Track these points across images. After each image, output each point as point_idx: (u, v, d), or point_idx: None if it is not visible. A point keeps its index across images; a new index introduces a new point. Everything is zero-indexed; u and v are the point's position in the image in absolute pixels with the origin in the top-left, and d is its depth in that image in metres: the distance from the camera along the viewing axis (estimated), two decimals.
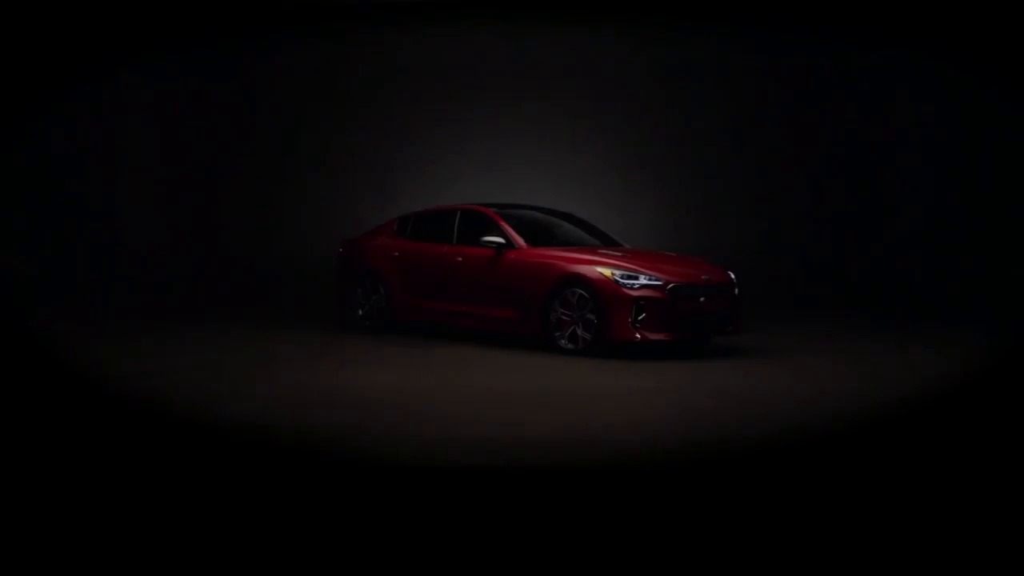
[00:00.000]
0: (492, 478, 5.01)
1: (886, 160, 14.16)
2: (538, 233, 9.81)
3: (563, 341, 8.92)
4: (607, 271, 8.75)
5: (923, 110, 13.80)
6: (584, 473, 5.10)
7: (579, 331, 8.83)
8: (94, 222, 14.53)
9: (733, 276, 9.40)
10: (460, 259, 9.84)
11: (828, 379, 8.01)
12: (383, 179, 15.04)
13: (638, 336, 8.59)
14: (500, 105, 14.43)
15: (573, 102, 14.38)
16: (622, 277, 8.68)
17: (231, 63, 15.11)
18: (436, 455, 5.32)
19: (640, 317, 8.58)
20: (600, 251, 9.44)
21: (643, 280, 8.67)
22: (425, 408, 6.61)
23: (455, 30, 14.21)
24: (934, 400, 7.20)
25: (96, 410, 6.54)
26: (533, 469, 5.12)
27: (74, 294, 13.41)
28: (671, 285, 8.70)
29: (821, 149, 14.38)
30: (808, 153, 14.34)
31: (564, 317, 8.94)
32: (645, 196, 14.38)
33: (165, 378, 7.52)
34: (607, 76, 14.42)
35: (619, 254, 9.29)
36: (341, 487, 4.85)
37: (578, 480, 5.00)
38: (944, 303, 12.81)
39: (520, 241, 9.49)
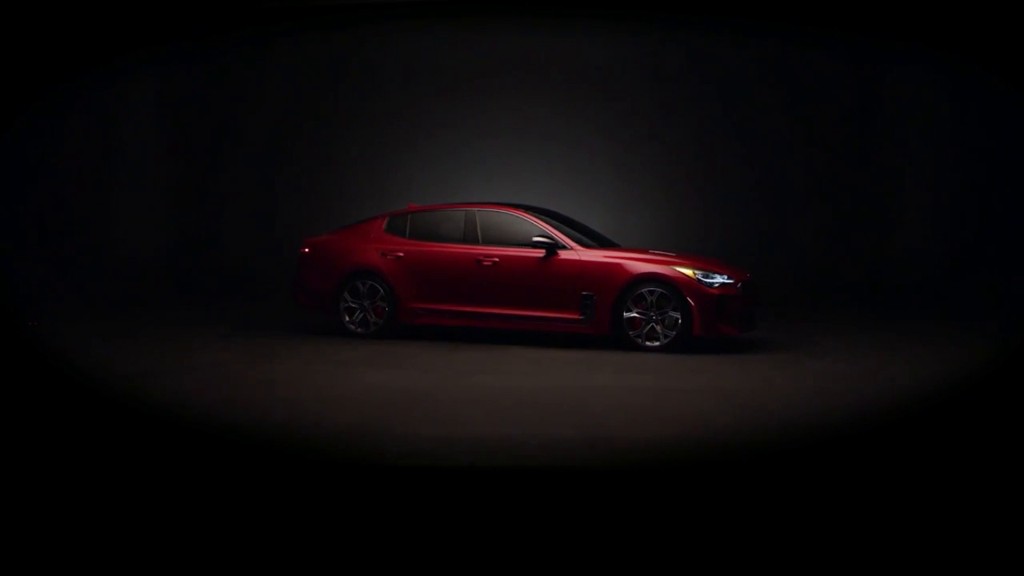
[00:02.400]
0: (492, 478, 5.02)
1: (887, 159, 14.33)
2: None
3: (640, 339, 9.02)
4: (688, 270, 9.02)
5: (925, 109, 13.97)
6: (584, 473, 5.12)
7: (659, 329, 8.99)
8: (92, 222, 13.29)
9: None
10: (496, 259, 9.61)
11: (828, 379, 8.02)
12: (384, 179, 14.14)
13: (720, 331, 8.99)
14: (499, 105, 13.99)
15: (572, 102, 14.18)
16: (703, 276, 8.98)
17: (228, 62, 14.23)
18: (436, 455, 5.29)
19: (718, 313, 8.94)
20: (652, 251, 9.78)
21: (719, 279, 9.04)
22: (425, 408, 6.56)
23: (454, 30, 13.62)
24: (936, 400, 7.20)
25: (93, 411, 6.46)
26: (533, 469, 5.13)
27: (72, 294, 12.32)
28: (740, 283, 9.12)
29: (822, 149, 14.49)
30: (809, 153, 14.49)
31: (638, 316, 9.05)
32: (644, 197, 14.38)
33: (162, 378, 7.46)
34: (606, 76, 14.36)
35: (674, 254, 9.60)
36: (341, 487, 4.82)
37: (578, 480, 5.04)
38: (947, 302, 12.69)
39: (571, 242, 9.52)
